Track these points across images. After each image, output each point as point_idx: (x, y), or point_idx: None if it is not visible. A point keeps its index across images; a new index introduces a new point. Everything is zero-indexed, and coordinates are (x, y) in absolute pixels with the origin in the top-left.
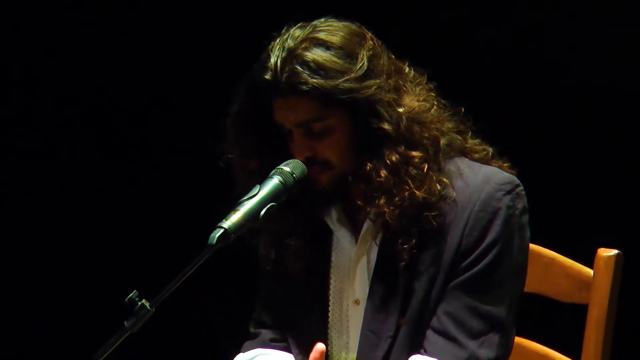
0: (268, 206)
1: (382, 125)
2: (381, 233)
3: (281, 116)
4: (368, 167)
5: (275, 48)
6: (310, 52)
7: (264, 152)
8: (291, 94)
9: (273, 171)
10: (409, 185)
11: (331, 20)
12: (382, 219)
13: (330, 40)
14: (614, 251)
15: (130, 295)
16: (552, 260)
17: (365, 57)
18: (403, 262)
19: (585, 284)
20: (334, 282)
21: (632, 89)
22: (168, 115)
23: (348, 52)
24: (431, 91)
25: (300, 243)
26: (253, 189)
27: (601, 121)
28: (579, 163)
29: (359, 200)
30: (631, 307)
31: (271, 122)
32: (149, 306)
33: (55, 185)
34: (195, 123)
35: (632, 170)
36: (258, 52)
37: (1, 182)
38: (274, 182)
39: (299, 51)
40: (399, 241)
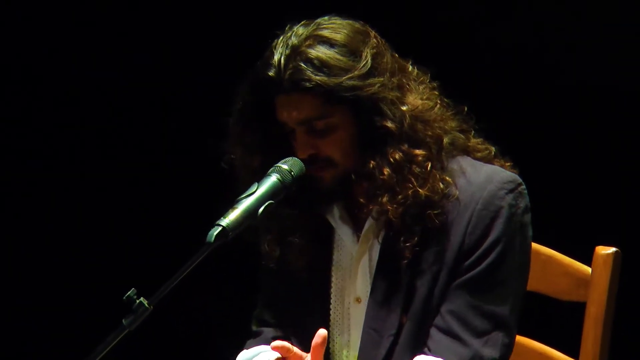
0: (266, 204)
1: (386, 123)
2: (383, 231)
3: (284, 114)
4: (371, 165)
5: (278, 45)
6: (314, 50)
7: (267, 150)
8: (294, 91)
9: (271, 169)
10: (412, 183)
11: (335, 18)
12: (385, 217)
13: (334, 37)
14: (612, 249)
15: (128, 293)
16: (550, 258)
17: (369, 55)
18: (405, 260)
19: (583, 282)
20: (336, 280)
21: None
22: (167, 115)
23: (352, 50)
24: (434, 90)
25: (302, 241)
26: (251, 187)
27: (599, 120)
28: (577, 161)
29: (362, 198)
30: (629, 305)
31: (274, 120)
32: (147, 304)
33: (54, 185)
34: (194, 123)
35: (631, 168)
36: (258, 52)
37: (1, 182)
38: (272, 180)
39: (303, 48)
40: (402, 239)
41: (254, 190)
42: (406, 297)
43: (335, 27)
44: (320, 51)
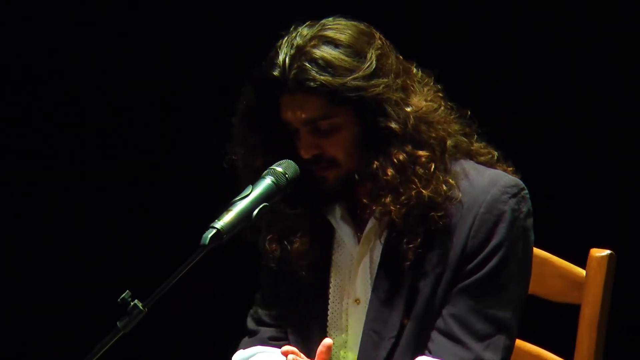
0: (260, 206)
1: (390, 124)
2: (386, 232)
3: (288, 113)
4: (375, 166)
5: (283, 45)
6: (318, 50)
7: (270, 150)
8: (299, 91)
9: (265, 171)
10: (416, 184)
11: (340, 19)
12: (388, 218)
13: (338, 38)
14: (607, 251)
15: (123, 295)
16: (545, 260)
17: (373, 56)
18: (408, 262)
19: (577, 284)
20: (334, 281)
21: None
22: (167, 115)
23: (356, 51)
24: (438, 92)
25: (302, 240)
26: (245, 189)
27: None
28: (572, 164)
29: (365, 198)
30: (624, 307)
31: (278, 120)
32: (142, 306)
33: (53, 185)
34: (193, 123)
35: (626, 170)
36: (258, 52)
37: (1, 182)
38: (267, 183)
39: (308, 48)
40: (404, 240)
41: (249, 192)
42: (408, 299)
43: (340, 28)
44: (325, 51)
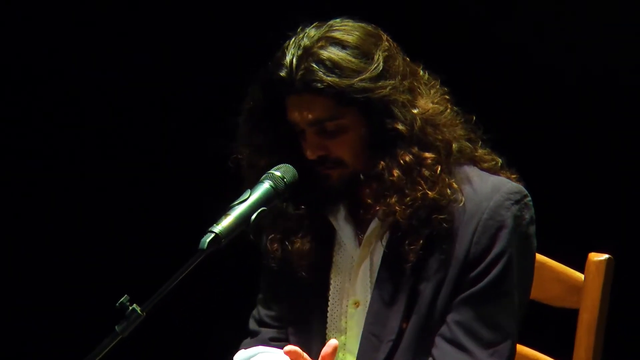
0: (259, 211)
1: (396, 125)
2: (388, 234)
3: (295, 114)
4: (381, 166)
5: (290, 46)
6: (326, 51)
7: (275, 150)
8: (306, 92)
9: (264, 176)
10: (422, 185)
11: (347, 20)
12: (392, 218)
13: (346, 39)
14: (605, 255)
15: (121, 299)
16: (543, 265)
17: (380, 58)
18: (409, 264)
19: (576, 289)
20: (334, 282)
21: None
22: (167, 115)
23: (364, 52)
24: (445, 95)
25: (304, 241)
26: (244, 194)
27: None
28: (570, 168)
29: (369, 198)
30: (622, 312)
31: (284, 121)
32: (140, 310)
33: (52, 186)
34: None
35: (624, 175)
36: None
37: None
38: (265, 187)
39: (315, 49)
40: (406, 242)
41: (247, 197)
42: (408, 303)
43: (347, 29)
44: (332, 52)
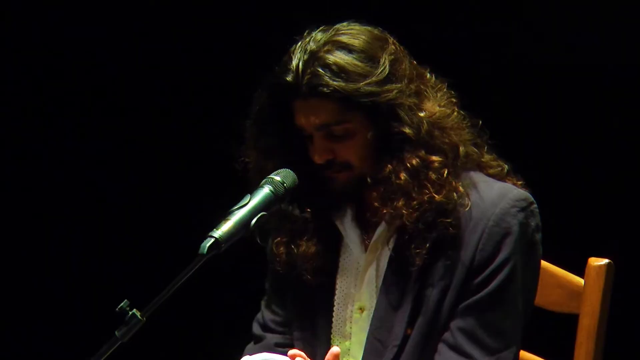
0: (259, 215)
1: (403, 129)
2: (394, 238)
3: (302, 119)
4: (388, 170)
5: (297, 50)
6: (332, 55)
7: (282, 154)
8: (312, 97)
9: (264, 180)
10: (429, 189)
11: (354, 24)
12: (399, 222)
13: (352, 43)
14: (605, 260)
15: (121, 304)
16: (543, 270)
17: (387, 61)
18: (415, 268)
19: (576, 294)
20: (340, 287)
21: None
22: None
23: (370, 56)
24: (451, 98)
25: (310, 244)
26: (244, 198)
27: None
28: (570, 173)
29: (376, 202)
30: (622, 317)
31: (290, 124)
32: (140, 316)
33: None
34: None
35: (624, 179)
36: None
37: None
38: (265, 192)
39: (321, 54)
40: (413, 246)
41: (247, 201)
42: (413, 309)
43: (353, 33)
44: (338, 57)
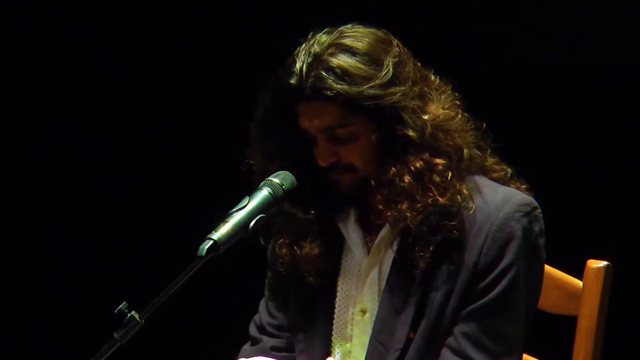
0: (257, 218)
1: (407, 131)
2: (398, 241)
3: (306, 121)
4: (392, 172)
5: (300, 53)
6: (335, 58)
7: (287, 156)
8: (316, 100)
9: (262, 183)
10: (432, 192)
11: (358, 26)
12: (403, 224)
13: (356, 46)
14: (604, 263)
15: (120, 306)
16: None
17: (390, 64)
18: (418, 271)
19: (574, 296)
20: (342, 289)
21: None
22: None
23: (373, 59)
24: (455, 101)
25: (312, 245)
26: (242, 201)
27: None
28: (569, 175)
29: (380, 204)
30: (621, 319)
31: (295, 127)
32: (139, 318)
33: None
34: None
35: (623, 182)
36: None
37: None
38: (264, 194)
39: (325, 57)
40: (417, 249)
41: (245, 204)
42: (416, 313)
43: (357, 36)
44: (341, 60)
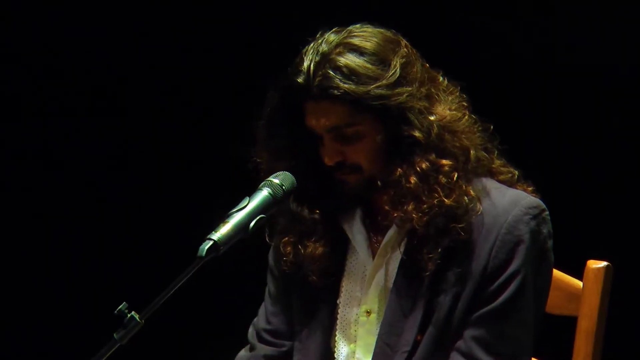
0: (257, 218)
1: (413, 132)
2: (405, 242)
3: (313, 120)
4: (398, 173)
5: (308, 52)
6: (343, 57)
7: (293, 155)
8: (323, 99)
9: (262, 183)
10: (438, 193)
11: (367, 26)
12: (410, 225)
13: (364, 46)
14: (603, 263)
15: (119, 307)
16: None
17: (398, 64)
18: (427, 273)
19: (574, 296)
20: (345, 289)
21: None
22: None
23: (381, 59)
24: (463, 102)
25: (317, 245)
26: (242, 201)
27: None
28: (569, 174)
29: (386, 205)
30: (620, 319)
31: (302, 125)
32: (139, 318)
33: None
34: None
35: (623, 182)
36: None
37: None
38: (264, 194)
39: (333, 56)
40: (424, 250)
41: (245, 204)
42: (424, 315)
43: (365, 36)
44: (349, 59)
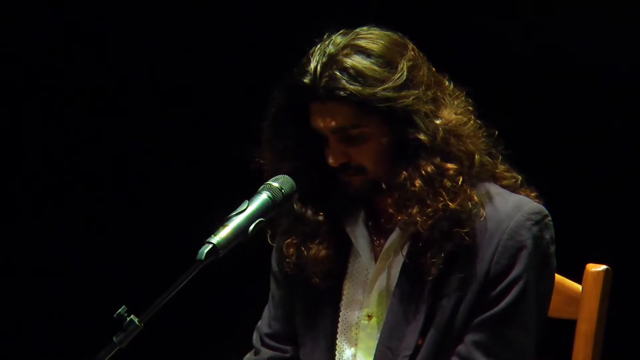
0: (256, 222)
1: (419, 135)
2: (408, 245)
3: (318, 121)
4: (403, 176)
5: (315, 53)
6: (350, 59)
7: (298, 156)
8: (329, 100)
9: (261, 187)
10: (443, 196)
11: (374, 28)
12: (413, 228)
13: (371, 48)
14: (603, 266)
15: (119, 310)
16: None
17: (405, 67)
18: (430, 277)
19: (573, 300)
20: (347, 292)
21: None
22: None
23: (388, 61)
24: (468, 107)
25: (320, 247)
26: (242, 205)
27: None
28: (569, 175)
29: (391, 208)
30: (620, 323)
31: (307, 126)
32: (138, 322)
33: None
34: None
35: (622, 185)
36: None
37: None
38: (263, 198)
39: (339, 57)
40: (428, 254)
41: (245, 207)
42: (426, 320)
43: (373, 38)
44: (356, 61)
